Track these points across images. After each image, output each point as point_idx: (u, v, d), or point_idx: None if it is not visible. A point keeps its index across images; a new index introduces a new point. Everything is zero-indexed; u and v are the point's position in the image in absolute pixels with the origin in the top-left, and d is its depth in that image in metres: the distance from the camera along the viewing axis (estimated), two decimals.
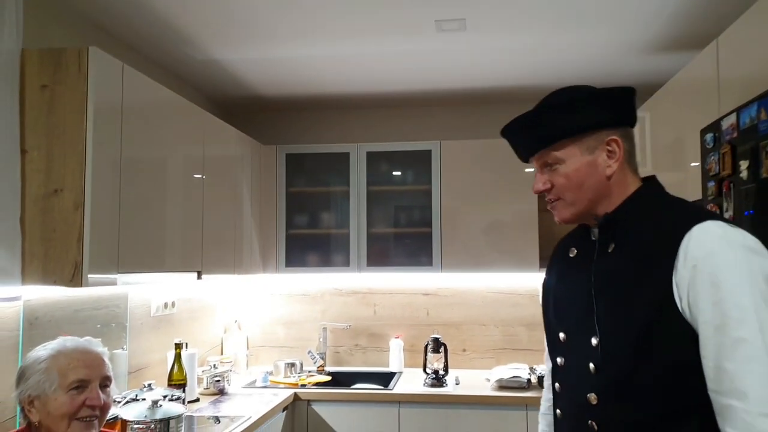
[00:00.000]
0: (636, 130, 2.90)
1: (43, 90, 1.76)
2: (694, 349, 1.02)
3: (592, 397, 1.13)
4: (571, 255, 1.28)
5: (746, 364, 0.96)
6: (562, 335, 1.24)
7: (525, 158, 1.26)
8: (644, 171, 2.75)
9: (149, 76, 2.18)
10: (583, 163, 1.16)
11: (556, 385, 1.26)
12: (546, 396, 1.44)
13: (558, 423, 1.26)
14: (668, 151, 2.48)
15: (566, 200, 1.20)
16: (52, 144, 1.76)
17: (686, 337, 1.02)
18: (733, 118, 1.65)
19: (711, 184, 1.80)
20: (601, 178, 1.16)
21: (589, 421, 1.13)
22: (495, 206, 3.25)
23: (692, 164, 2.08)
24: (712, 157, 1.79)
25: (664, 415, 1.05)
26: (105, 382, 1.47)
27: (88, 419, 1.40)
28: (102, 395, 1.44)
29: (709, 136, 1.81)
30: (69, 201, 1.74)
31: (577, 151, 1.16)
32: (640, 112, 2.83)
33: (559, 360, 1.25)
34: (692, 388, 1.03)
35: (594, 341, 1.13)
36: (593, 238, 1.22)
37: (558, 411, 1.26)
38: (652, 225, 1.11)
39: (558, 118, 1.17)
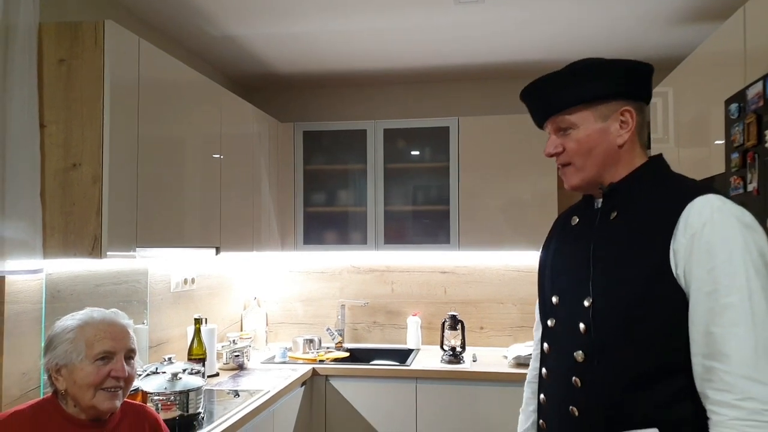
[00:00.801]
0: (659, 105, 2.85)
1: (61, 64, 1.77)
2: (681, 315, 1.06)
3: (579, 355, 1.17)
4: (572, 223, 1.31)
5: (731, 327, 1.00)
6: (555, 299, 1.28)
7: (540, 121, 1.29)
8: (666, 147, 2.72)
9: (166, 52, 2.18)
10: (596, 129, 1.20)
11: (545, 345, 1.30)
12: (532, 365, 1.47)
13: (543, 382, 1.31)
14: (691, 127, 2.42)
15: (576, 165, 1.23)
16: (70, 118, 1.77)
17: (676, 303, 1.07)
18: (759, 87, 1.60)
19: (735, 156, 1.75)
20: (611, 146, 1.20)
21: (574, 378, 1.17)
22: (514, 184, 3.22)
23: (716, 142, 2.03)
24: (737, 128, 1.74)
25: (646, 375, 1.10)
26: (130, 354, 1.49)
27: (113, 390, 1.43)
28: (127, 367, 1.46)
29: (733, 107, 1.76)
30: (87, 175, 1.76)
31: (590, 117, 1.20)
32: (663, 87, 2.77)
33: (549, 322, 1.29)
34: (675, 352, 1.07)
35: (586, 303, 1.17)
36: (596, 207, 1.26)
37: (544, 370, 1.30)
38: (655, 196, 1.16)
39: (576, 83, 1.20)
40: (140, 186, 1.97)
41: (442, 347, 3.13)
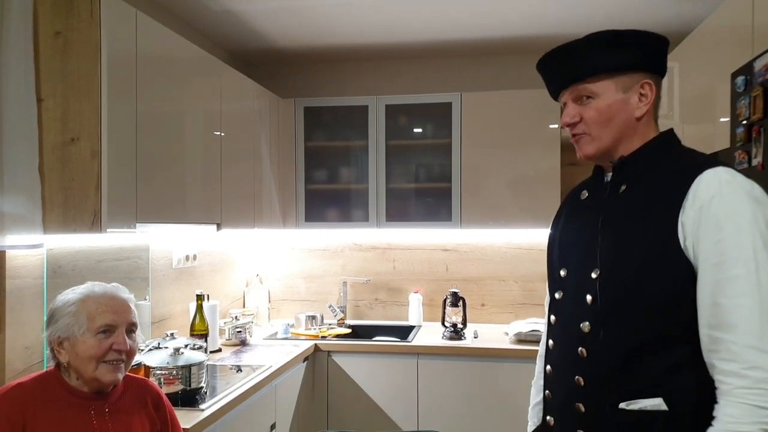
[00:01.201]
0: (664, 81, 2.82)
1: (57, 37, 1.75)
2: (688, 287, 1.07)
3: (586, 326, 1.18)
4: (582, 197, 1.32)
5: (738, 298, 1.01)
6: (563, 271, 1.29)
7: (557, 90, 1.27)
8: (671, 124, 2.68)
9: (164, 26, 2.15)
10: (617, 100, 1.19)
11: (552, 317, 1.31)
12: (544, 339, 1.47)
13: (549, 353, 1.32)
14: (697, 103, 2.38)
15: (592, 135, 1.22)
16: (67, 92, 1.75)
17: (683, 275, 1.07)
18: (767, 59, 1.57)
19: (740, 130, 1.73)
20: (629, 118, 1.20)
21: (580, 349, 1.19)
22: (517, 161, 3.19)
23: (722, 119, 2.00)
24: (743, 102, 1.71)
25: (651, 346, 1.11)
26: (131, 328, 1.50)
27: (114, 362, 1.44)
28: (128, 340, 1.47)
29: (740, 79, 1.74)
30: (86, 150, 1.75)
31: (612, 87, 1.19)
32: (669, 63, 2.72)
33: (557, 294, 1.30)
34: (681, 322, 1.08)
35: (594, 275, 1.18)
36: (606, 181, 1.26)
37: (551, 342, 1.31)
38: (664, 169, 1.16)
39: (600, 52, 1.20)
40: (140, 161, 1.96)
41: (443, 324, 3.14)
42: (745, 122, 1.71)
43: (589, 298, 1.18)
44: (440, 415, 2.90)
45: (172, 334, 2.39)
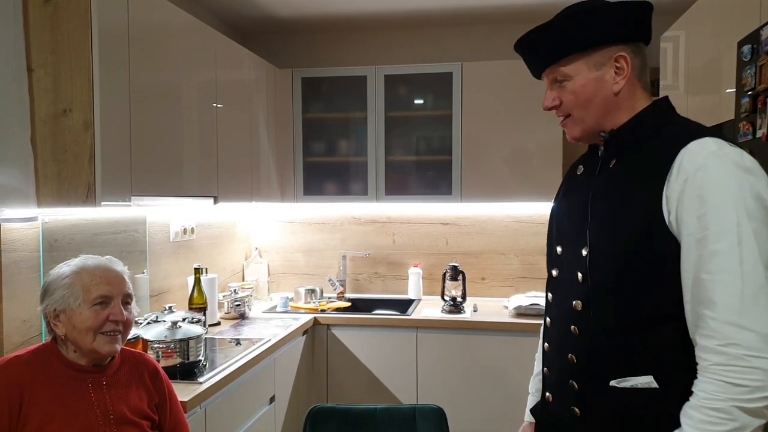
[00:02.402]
0: (669, 51, 2.75)
1: (46, 5, 1.70)
2: (674, 263, 1.04)
3: (578, 304, 1.17)
4: (578, 172, 1.30)
5: (719, 274, 0.98)
6: (559, 248, 1.28)
7: (536, 74, 1.26)
8: (676, 94, 2.64)
9: None
10: (591, 79, 1.16)
11: (549, 295, 1.31)
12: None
13: (547, 330, 1.33)
14: (702, 72, 2.34)
15: (575, 117, 1.20)
16: (58, 62, 1.72)
17: (669, 250, 1.05)
18: None
19: (745, 101, 1.69)
20: (608, 95, 1.16)
21: (572, 327, 1.18)
22: (518, 133, 3.15)
23: (727, 90, 1.96)
24: (749, 71, 1.67)
25: (640, 323, 1.09)
26: (126, 299, 1.50)
27: (111, 334, 1.44)
28: (124, 311, 1.47)
29: (746, 48, 1.69)
30: (78, 121, 1.72)
31: (584, 66, 1.16)
32: (675, 31, 2.67)
33: (554, 272, 1.30)
34: (670, 299, 1.06)
35: (584, 252, 1.16)
36: (600, 155, 1.23)
37: (548, 319, 1.32)
38: (653, 142, 1.12)
39: (567, 31, 1.16)
40: (134, 133, 1.93)
41: (443, 297, 3.14)
42: (750, 92, 1.67)
43: (580, 275, 1.17)
44: (439, 388, 2.92)
45: (170, 308, 2.38)
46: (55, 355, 1.44)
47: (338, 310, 3.19)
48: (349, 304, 3.30)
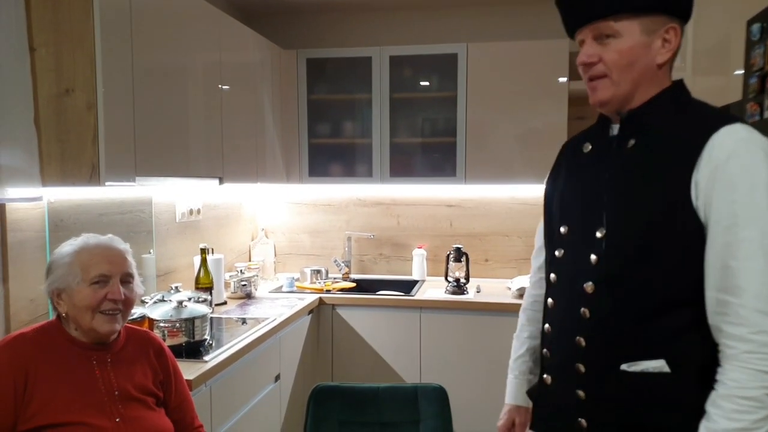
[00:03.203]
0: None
1: None
2: (697, 248, 1.03)
3: (589, 286, 1.15)
4: (585, 150, 1.26)
5: (747, 261, 0.97)
6: (563, 229, 1.24)
7: (576, 26, 1.18)
8: (683, 75, 2.60)
9: None
10: (640, 42, 1.12)
11: (552, 276, 1.28)
12: (529, 292, 1.47)
13: (548, 312, 1.29)
14: (711, 53, 2.30)
15: (612, 78, 1.14)
16: (60, 41, 1.71)
17: (692, 235, 1.04)
18: None
19: (753, 81, 1.67)
20: (650, 64, 1.13)
21: (582, 309, 1.16)
22: (523, 115, 3.13)
23: (736, 72, 1.93)
24: (758, 50, 1.65)
25: (655, 307, 1.08)
26: (126, 278, 1.50)
27: (110, 312, 1.44)
28: (123, 290, 1.47)
29: (755, 27, 1.66)
30: (81, 101, 1.72)
31: (637, 28, 1.11)
32: None
33: (557, 252, 1.26)
34: (688, 284, 1.05)
35: (599, 234, 1.14)
36: (612, 134, 1.20)
37: (550, 300, 1.28)
38: (676, 124, 1.10)
39: None
40: (137, 113, 1.93)
41: (446, 279, 3.15)
42: (758, 72, 1.65)
43: (593, 257, 1.14)
44: (442, 367, 2.94)
45: (176, 288, 2.41)
46: (60, 333, 1.46)
47: (343, 290, 3.21)
48: (353, 284, 3.32)
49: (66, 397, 1.37)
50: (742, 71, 1.79)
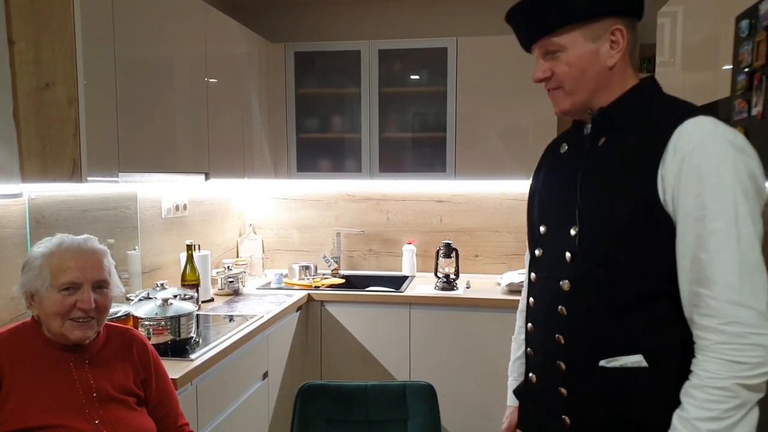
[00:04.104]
0: (666, 26, 2.70)
1: None
2: (667, 242, 1.04)
3: (565, 284, 1.16)
4: (561, 150, 1.27)
5: (718, 253, 0.98)
6: (542, 228, 1.26)
7: (527, 45, 1.22)
8: (671, 72, 2.60)
9: None
10: (586, 51, 1.13)
11: (532, 275, 1.29)
12: (524, 294, 1.47)
13: (530, 311, 1.30)
14: (699, 49, 2.30)
15: (566, 89, 1.17)
16: (39, 34, 1.67)
17: (662, 230, 1.04)
18: None
19: (741, 78, 1.66)
20: (602, 68, 1.14)
21: (560, 307, 1.17)
22: (513, 110, 3.11)
23: (724, 67, 1.92)
24: (746, 47, 1.64)
25: (630, 303, 1.08)
26: (100, 284, 1.44)
27: (81, 320, 1.40)
28: (95, 296, 1.41)
29: (744, 23, 1.66)
30: (62, 95, 1.68)
31: (580, 38, 1.13)
32: (672, 6, 2.62)
33: (537, 252, 1.28)
34: (661, 278, 1.05)
35: (573, 231, 1.15)
36: (586, 133, 1.21)
37: (531, 299, 1.29)
38: (644, 120, 1.11)
39: (563, 2, 1.12)
40: (121, 108, 1.90)
41: (436, 274, 3.14)
42: (747, 69, 1.64)
43: (568, 255, 1.15)
44: (431, 364, 2.94)
45: (162, 285, 2.38)
46: (36, 334, 1.42)
47: (332, 286, 3.19)
48: (343, 280, 3.31)
49: (42, 400, 1.34)
50: (730, 66, 1.79)
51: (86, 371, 1.43)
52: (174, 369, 1.79)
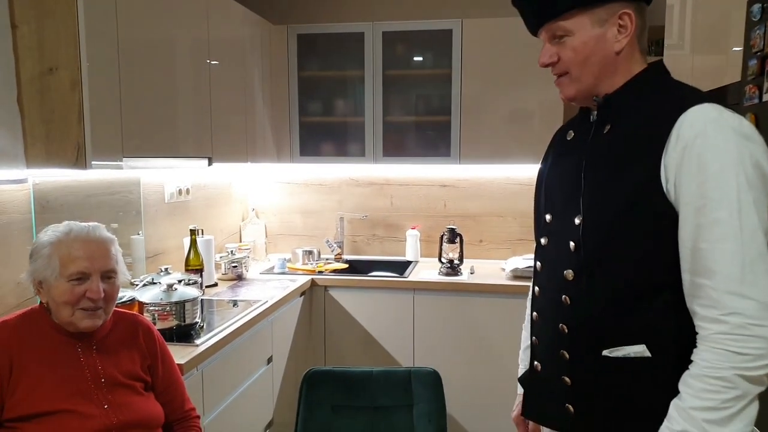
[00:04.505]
0: (675, 8, 2.66)
1: None
2: (670, 231, 1.03)
3: (569, 273, 1.15)
4: (568, 138, 1.26)
5: (719, 243, 0.97)
6: (548, 216, 1.25)
7: (534, 29, 1.20)
8: (681, 54, 2.56)
9: None
10: (593, 36, 1.12)
11: (538, 264, 1.29)
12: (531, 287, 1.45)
13: (535, 300, 1.30)
14: (709, 31, 2.27)
15: (572, 75, 1.16)
16: (42, 18, 1.65)
17: (666, 218, 1.03)
18: None
19: (752, 63, 1.64)
20: (608, 53, 1.12)
21: (563, 297, 1.17)
22: (519, 93, 3.09)
23: (734, 48, 1.90)
24: (758, 32, 1.61)
25: (633, 292, 1.08)
26: (108, 274, 1.43)
27: (90, 309, 1.40)
28: (103, 286, 1.41)
29: (756, 7, 1.63)
30: (65, 80, 1.66)
31: (587, 22, 1.11)
32: None
33: (542, 240, 1.27)
34: (664, 268, 1.05)
35: (577, 220, 1.14)
36: (592, 120, 1.20)
37: (536, 288, 1.29)
38: (649, 107, 1.09)
39: None
40: (124, 92, 1.88)
41: (440, 260, 3.13)
42: (758, 54, 1.62)
43: (572, 244, 1.14)
44: (435, 349, 2.95)
45: (166, 269, 2.38)
46: (44, 320, 1.42)
47: (336, 271, 3.19)
48: (346, 265, 3.30)
49: (51, 386, 1.35)
50: (741, 48, 1.76)
51: (94, 357, 1.44)
52: (179, 354, 1.80)
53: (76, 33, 1.65)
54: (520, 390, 1.45)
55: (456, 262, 3.08)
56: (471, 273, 3.08)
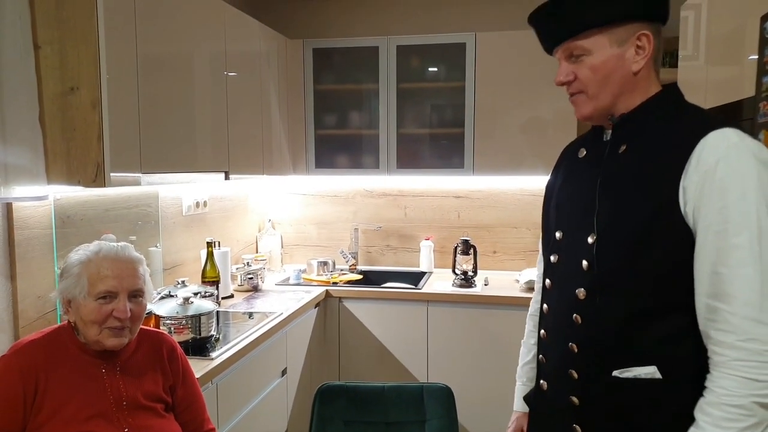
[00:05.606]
0: (690, 19, 2.64)
1: None
2: (685, 254, 1.02)
3: (581, 292, 1.15)
4: (580, 156, 1.26)
5: (738, 268, 0.96)
6: (558, 234, 1.25)
7: (550, 48, 1.20)
8: (695, 66, 2.55)
9: None
10: (612, 55, 1.12)
11: (547, 281, 1.28)
12: (536, 298, 1.45)
13: (544, 317, 1.30)
14: (724, 44, 2.25)
15: (588, 94, 1.16)
16: (64, 39, 1.69)
17: (681, 241, 1.02)
18: None
19: (766, 80, 1.63)
20: (626, 73, 1.12)
21: (574, 315, 1.16)
22: (532, 105, 3.09)
23: (750, 57, 1.89)
24: None
25: (646, 313, 1.07)
26: (135, 293, 1.45)
27: (117, 329, 1.42)
28: (130, 305, 1.43)
29: None
30: (86, 99, 1.70)
31: (606, 42, 1.11)
32: (696, 0, 2.56)
33: (552, 258, 1.26)
34: (677, 290, 1.04)
35: (590, 239, 1.13)
36: (605, 139, 1.19)
37: (545, 306, 1.28)
38: (667, 129, 1.09)
39: (589, 5, 1.11)
40: (142, 110, 1.92)
41: (454, 271, 3.14)
42: None
43: (585, 263, 1.14)
44: (449, 362, 2.94)
45: (183, 282, 2.42)
46: (70, 339, 1.44)
47: (350, 282, 3.21)
48: (360, 276, 3.32)
49: (73, 409, 1.36)
50: (756, 57, 1.75)
51: (117, 378, 1.45)
52: (195, 368, 1.81)
53: (96, 53, 1.69)
54: (516, 407, 1.44)
55: (470, 273, 3.08)
56: (485, 284, 3.08)
